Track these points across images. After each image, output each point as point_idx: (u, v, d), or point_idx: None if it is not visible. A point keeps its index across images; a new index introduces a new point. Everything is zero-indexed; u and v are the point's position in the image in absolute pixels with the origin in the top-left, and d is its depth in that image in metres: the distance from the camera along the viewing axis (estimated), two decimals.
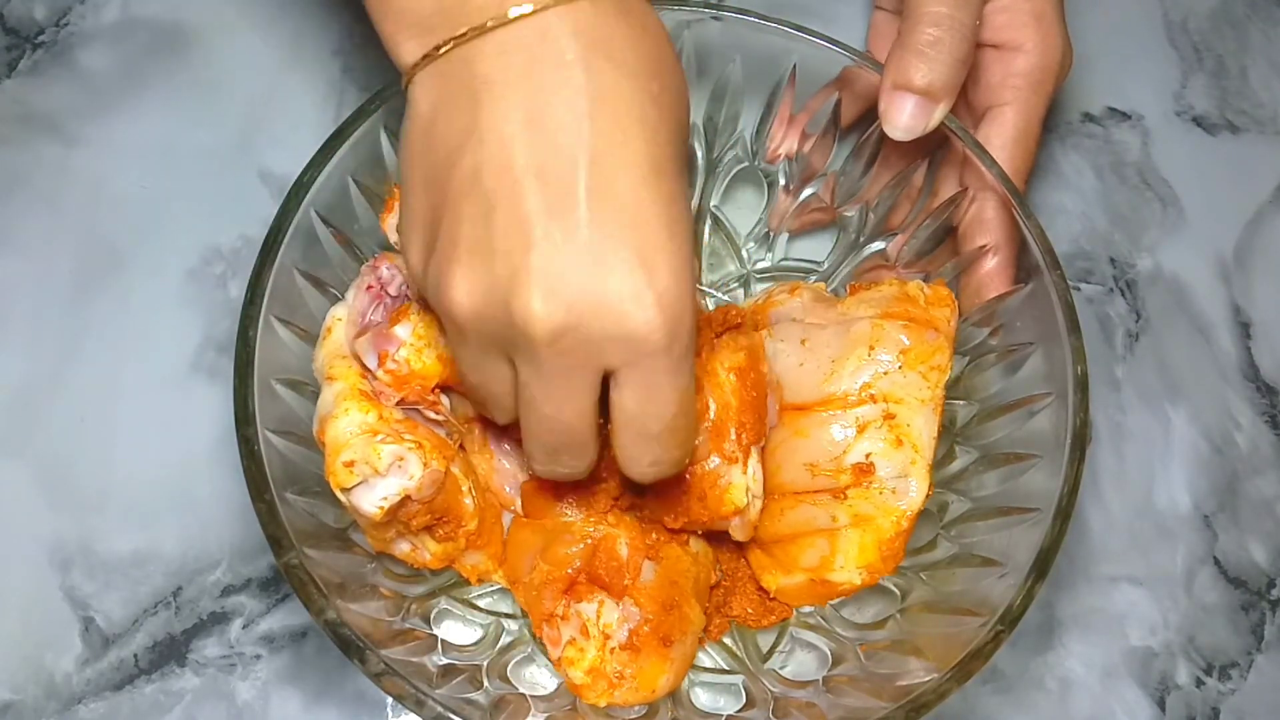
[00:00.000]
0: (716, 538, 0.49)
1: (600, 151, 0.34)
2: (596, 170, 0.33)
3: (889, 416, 0.46)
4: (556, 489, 0.46)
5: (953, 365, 0.47)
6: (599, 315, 0.34)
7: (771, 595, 0.49)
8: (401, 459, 0.42)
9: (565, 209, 0.33)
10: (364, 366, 0.44)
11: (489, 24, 0.34)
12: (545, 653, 0.47)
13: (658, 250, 0.34)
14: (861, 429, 0.46)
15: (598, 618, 0.44)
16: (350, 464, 0.41)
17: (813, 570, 0.47)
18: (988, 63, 0.52)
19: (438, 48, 0.35)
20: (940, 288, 0.49)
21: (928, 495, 0.46)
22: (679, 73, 0.37)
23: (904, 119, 0.47)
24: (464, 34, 0.34)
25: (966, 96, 0.54)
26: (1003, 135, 0.51)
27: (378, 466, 0.41)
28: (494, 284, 0.34)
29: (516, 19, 0.34)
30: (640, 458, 0.38)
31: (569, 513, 0.46)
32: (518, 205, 0.33)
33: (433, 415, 0.45)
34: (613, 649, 0.44)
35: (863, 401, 0.46)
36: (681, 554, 0.46)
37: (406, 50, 0.36)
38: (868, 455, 0.45)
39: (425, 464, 0.42)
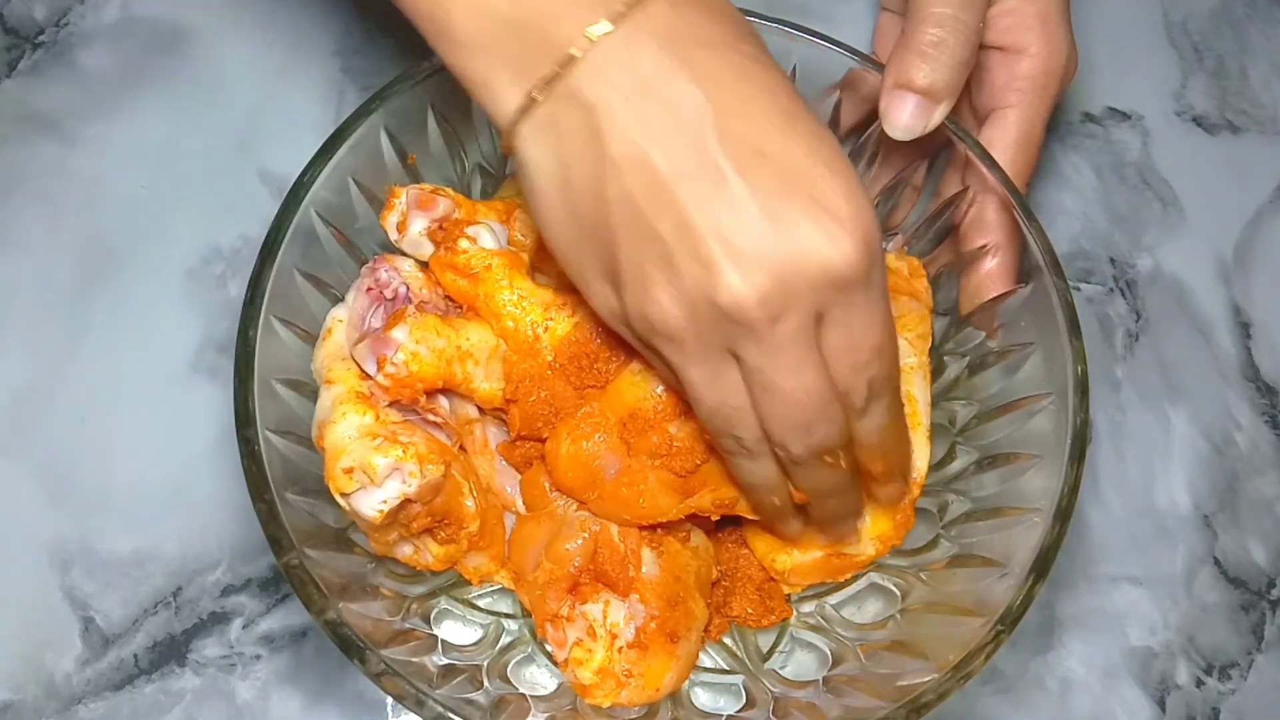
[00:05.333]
0: (715, 532, 0.49)
1: (728, 124, 0.34)
2: (732, 142, 0.34)
3: None
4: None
5: (933, 331, 0.48)
6: (799, 267, 0.34)
7: (777, 576, 0.49)
8: (397, 468, 0.42)
9: (721, 190, 0.34)
10: (364, 371, 0.44)
11: (576, 53, 0.35)
12: (547, 653, 0.47)
13: (823, 185, 0.34)
14: None
15: (604, 618, 0.44)
16: (350, 470, 0.41)
17: (829, 544, 0.47)
18: (992, 65, 0.52)
19: (536, 89, 0.35)
20: (913, 259, 0.49)
21: (929, 460, 0.46)
22: (758, 34, 0.38)
23: (904, 118, 0.47)
24: (558, 70, 0.35)
25: (970, 99, 0.54)
26: (1005, 138, 0.51)
27: (374, 477, 0.41)
28: (692, 285, 0.35)
29: (602, 37, 0.35)
30: (857, 385, 0.38)
31: (560, 502, 0.46)
32: (679, 208, 0.34)
33: (431, 418, 0.45)
34: (620, 648, 0.44)
35: None
36: (681, 548, 0.46)
37: (506, 97, 0.36)
38: None
39: (423, 469, 0.42)
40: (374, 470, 0.41)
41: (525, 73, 0.35)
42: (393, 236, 0.47)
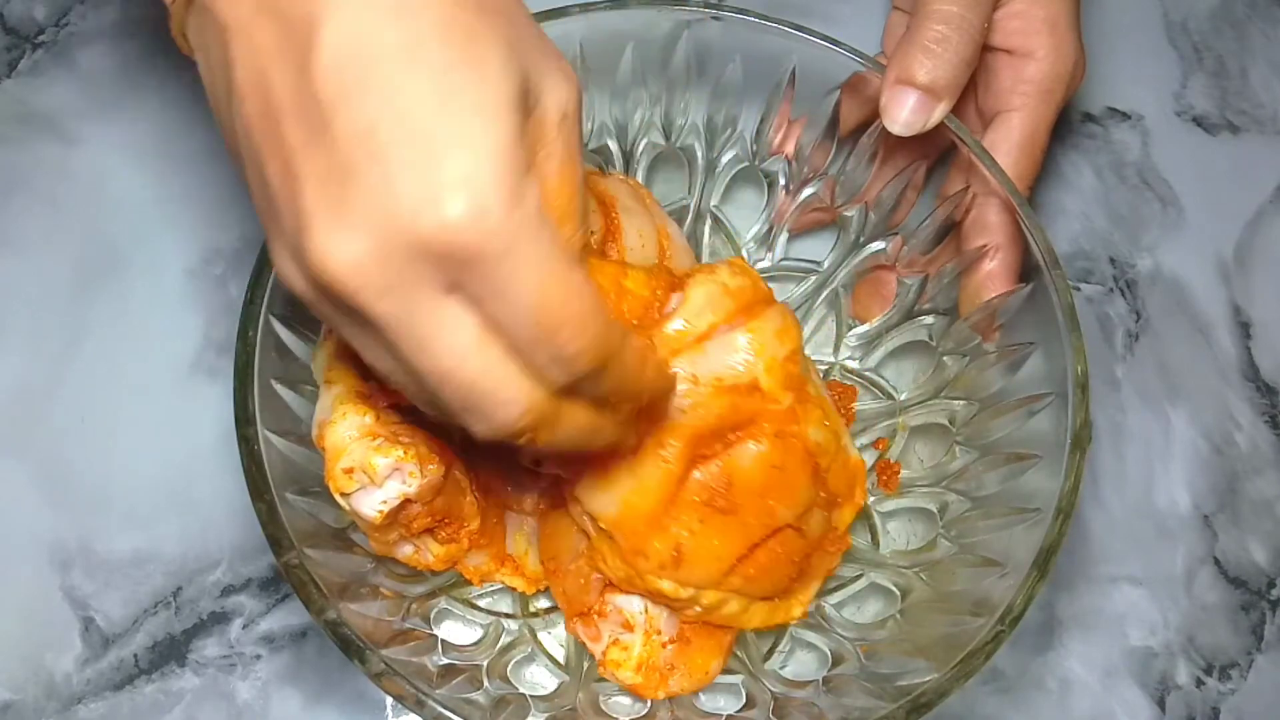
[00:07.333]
0: None
1: (337, 52, 0.28)
2: (338, 73, 0.28)
3: None
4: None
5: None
6: (397, 232, 0.28)
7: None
8: (398, 468, 0.42)
9: (322, 125, 0.28)
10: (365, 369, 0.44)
11: None
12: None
13: (442, 129, 0.28)
14: None
15: (645, 613, 0.44)
16: (350, 470, 0.41)
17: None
18: (998, 68, 0.52)
19: None
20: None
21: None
22: None
23: (904, 114, 0.47)
24: None
25: (976, 101, 0.54)
26: (1009, 141, 0.51)
27: (374, 477, 0.41)
28: (291, 246, 0.29)
29: None
30: (548, 367, 0.30)
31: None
32: (281, 147, 0.29)
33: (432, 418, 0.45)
34: (663, 644, 0.44)
35: None
36: None
37: None
38: None
39: (423, 469, 0.42)
40: (374, 470, 0.41)
41: None
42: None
